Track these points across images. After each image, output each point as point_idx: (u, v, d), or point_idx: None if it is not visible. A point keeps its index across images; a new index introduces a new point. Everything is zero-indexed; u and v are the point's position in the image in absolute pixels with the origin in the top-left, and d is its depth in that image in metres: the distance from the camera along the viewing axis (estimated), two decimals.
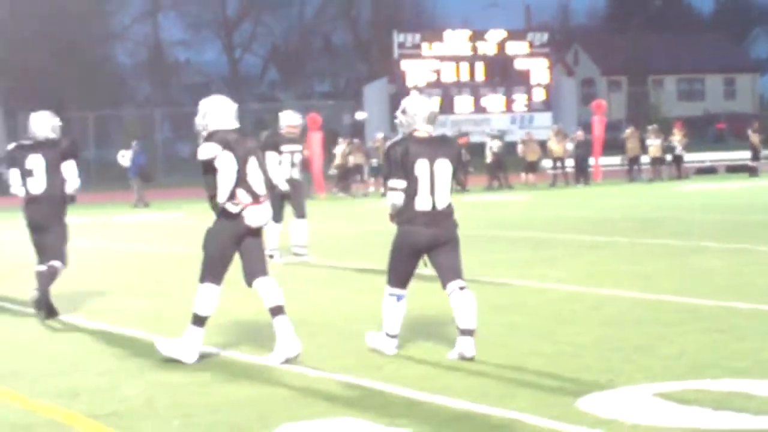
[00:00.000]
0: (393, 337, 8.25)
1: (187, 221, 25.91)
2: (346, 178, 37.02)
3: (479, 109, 47.97)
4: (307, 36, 64.69)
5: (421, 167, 8.05)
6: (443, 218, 8.18)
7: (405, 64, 48.10)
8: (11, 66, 53.52)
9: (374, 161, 34.84)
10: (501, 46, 49.14)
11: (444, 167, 8.12)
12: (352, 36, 64.02)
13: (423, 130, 8.10)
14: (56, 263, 10.81)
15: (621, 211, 25.63)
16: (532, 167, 39.49)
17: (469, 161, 32.83)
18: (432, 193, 8.05)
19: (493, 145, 37.48)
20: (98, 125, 51.61)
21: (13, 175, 10.82)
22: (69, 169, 10.71)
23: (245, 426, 6.18)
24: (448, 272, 8.05)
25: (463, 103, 48.31)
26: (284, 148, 14.08)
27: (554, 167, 39.76)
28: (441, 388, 6.82)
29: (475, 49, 48.37)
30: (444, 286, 8.08)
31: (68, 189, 10.89)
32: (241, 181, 8.26)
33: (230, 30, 63.54)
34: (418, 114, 8.13)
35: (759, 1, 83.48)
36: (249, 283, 8.26)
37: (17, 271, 15.00)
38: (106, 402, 6.96)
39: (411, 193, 8.07)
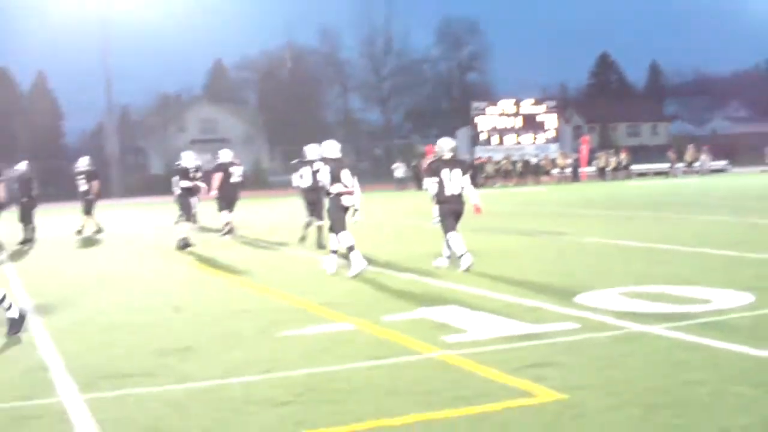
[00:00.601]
0: (465, 253, 13.68)
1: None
2: None
3: (517, 143, 68.26)
4: (426, 103, 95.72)
5: (444, 174, 13.89)
6: (459, 199, 13.97)
7: (477, 119, 68.20)
8: None
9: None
10: (530, 107, 69.35)
11: (456, 174, 13.90)
12: (450, 104, 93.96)
13: (447, 155, 13.98)
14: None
15: (598, 196, 37.29)
16: (547, 173, 60.84)
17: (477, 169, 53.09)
18: (451, 187, 13.86)
19: (520, 162, 60.62)
20: None
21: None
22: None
23: (400, 306, 10.52)
24: (456, 224, 13.96)
25: (509, 139, 68.38)
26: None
27: (560, 173, 60.71)
28: (492, 288, 11.65)
29: (516, 109, 68.85)
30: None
31: None
32: (335, 180, 13.94)
33: (385, 101, 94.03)
34: (443, 147, 14.06)
35: (670, 81, 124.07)
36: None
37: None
38: (327, 295, 11.65)
39: (441, 187, 13.88)
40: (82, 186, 25.54)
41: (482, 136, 67.90)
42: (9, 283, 14.85)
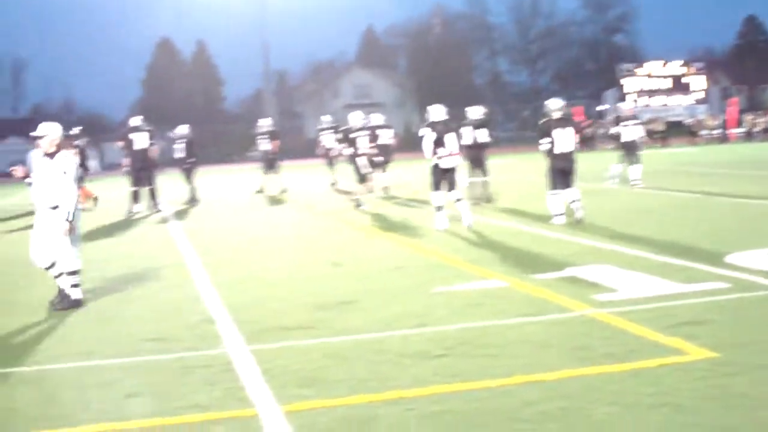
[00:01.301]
0: (560, 215, 14.13)
1: None
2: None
3: (665, 105, 68.19)
4: (572, 65, 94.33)
5: (555, 133, 14.22)
6: (568, 156, 14.23)
7: (624, 80, 68.94)
8: None
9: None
10: (677, 69, 69.62)
11: (567, 132, 14.25)
12: (596, 65, 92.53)
13: (556, 114, 14.36)
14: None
15: (747, 157, 34.58)
16: (696, 134, 58.13)
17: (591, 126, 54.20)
18: (562, 145, 14.17)
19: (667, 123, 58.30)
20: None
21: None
22: None
23: (549, 265, 10.37)
24: (571, 181, 14.31)
25: (656, 101, 68.16)
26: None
27: (708, 134, 58.05)
28: (640, 248, 11.34)
29: (664, 71, 69.22)
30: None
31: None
32: (439, 143, 14.30)
33: (532, 63, 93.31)
34: (552, 108, 14.48)
35: None
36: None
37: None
38: (477, 253, 11.71)
39: (552, 145, 14.19)
40: (264, 145, 26.08)
41: (629, 98, 66.38)
42: (176, 241, 15.35)
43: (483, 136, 19.00)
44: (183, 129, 24.85)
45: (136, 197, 21.52)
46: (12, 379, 6.78)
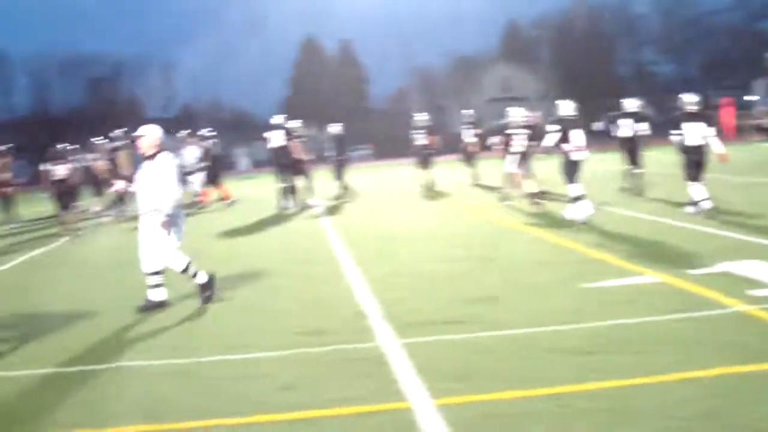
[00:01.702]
0: (704, 200, 14.39)
1: None
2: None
3: None
4: (719, 55, 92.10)
5: (686, 126, 14.39)
6: (699, 150, 14.38)
7: None
8: None
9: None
10: None
11: (698, 126, 14.28)
12: (742, 54, 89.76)
13: (690, 108, 14.35)
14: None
15: None
16: None
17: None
18: (692, 138, 14.32)
19: None
20: None
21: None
22: None
23: (702, 260, 10.10)
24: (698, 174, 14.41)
25: None
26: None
27: None
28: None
29: None
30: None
31: None
32: (564, 138, 14.64)
33: (678, 54, 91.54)
34: (686, 102, 14.42)
35: None
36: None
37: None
38: (625, 248, 11.39)
39: (684, 138, 14.37)
40: (421, 140, 26.16)
41: None
42: (327, 235, 15.56)
43: (643, 128, 18.92)
44: (335, 127, 25.14)
45: (284, 193, 21.93)
46: (169, 371, 6.98)
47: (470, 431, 5.24)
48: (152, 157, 9.54)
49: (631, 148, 19.24)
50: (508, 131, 19.51)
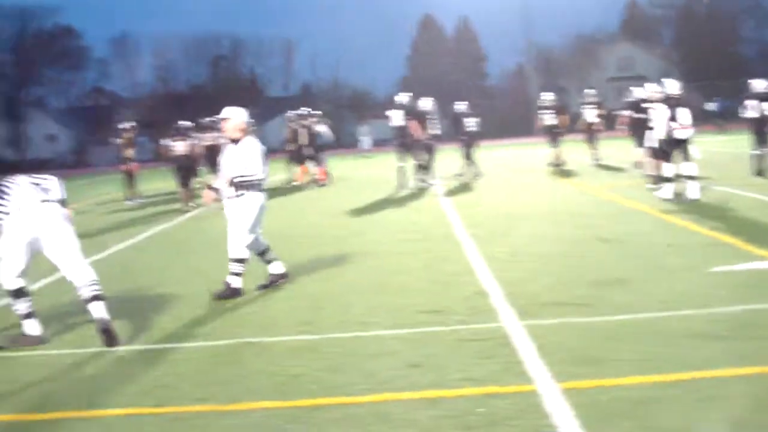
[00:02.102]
0: None
1: None
2: None
3: None
4: None
5: (751, 103, 16.28)
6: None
7: None
8: None
9: None
10: None
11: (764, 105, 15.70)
12: None
13: (759, 88, 15.28)
14: None
15: None
16: None
17: None
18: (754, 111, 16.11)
19: None
20: None
21: None
22: None
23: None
24: None
25: None
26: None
27: None
28: None
29: None
30: None
31: None
32: (672, 117, 14.95)
33: None
34: (755, 86, 15.03)
35: None
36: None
37: None
38: (754, 232, 10.95)
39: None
40: (549, 120, 25.88)
41: None
42: (447, 214, 15.49)
43: None
44: (460, 105, 24.94)
45: (416, 171, 21.96)
46: (297, 347, 7.02)
47: (597, 416, 5.10)
48: (237, 140, 9.26)
49: (759, 129, 18.66)
50: (645, 106, 19.11)
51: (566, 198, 17.65)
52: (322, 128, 26.88)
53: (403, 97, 22.53)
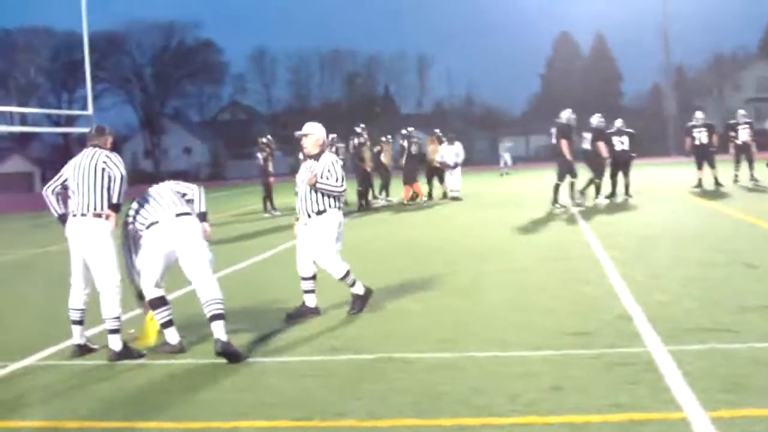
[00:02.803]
0: None
1: None
2: None
3: None
4: None
5: None
6: None
7: None
8: None
9: None
10: None
11: None
12: None
13: None
14: None
15: None
16: None
17: None
18: None
19: None
20: None
21: None
22: None
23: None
24: None
25: None
26: None
27: None
28: None
29: None
30: None
31: None
32: None
33: None
34: None
35: None
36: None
37: None
38: None
39: None
40: (703, 138, 25.24)
41: None
42: (585, 234, 15.24)
43: None
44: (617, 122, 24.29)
45: (571, 190, 21.59)
46: (440, 363, 6.95)
47: None
48: (316, 156, 9.09)
49: None
50: None
51: (708, 220, 17.19)
52: (449, 148, 27.17)
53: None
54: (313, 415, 5.76)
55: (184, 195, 7.98)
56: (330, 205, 9.01)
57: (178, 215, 7.75)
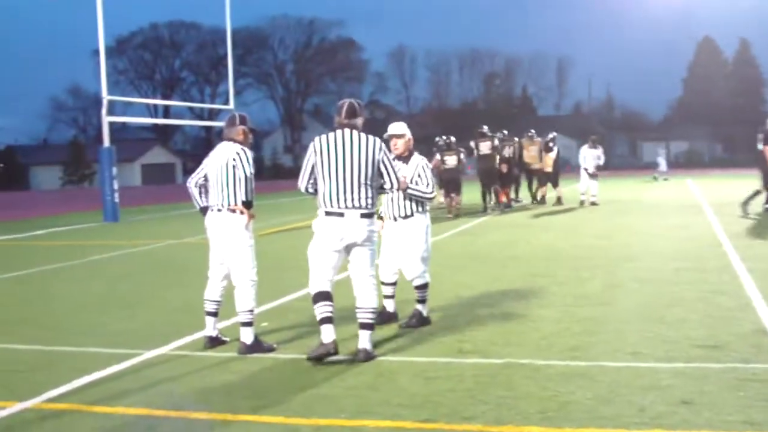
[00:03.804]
0: None
1: None
2: None
3: None
4: None
5: None
6: None
7: None
8: None
9: None
10: None
11: None
12: None
13: None
14: None
15: None
16: None
17: None
18: None
19: None
20: None
21: None
22: None
23: None
24: None
25: None
26: None
27: None
28: None
29: None
30: None
31: None
32: None
33: None
34: None
35: None
36: None
37: None
38: None
39: None
40: None
41: None
42: (722, 244, 14.78)
43: None
44: None
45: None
46: (568, 371, 6.82)
47: None
48: (406, 158, 8.73)
49: None
50: None
51: None
52: (591, 151, 27.02)
53: None
54: (438, 418, 5.73)
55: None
56: (417, 210, 8.72)
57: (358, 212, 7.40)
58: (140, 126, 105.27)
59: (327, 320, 7.25)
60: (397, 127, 8.85)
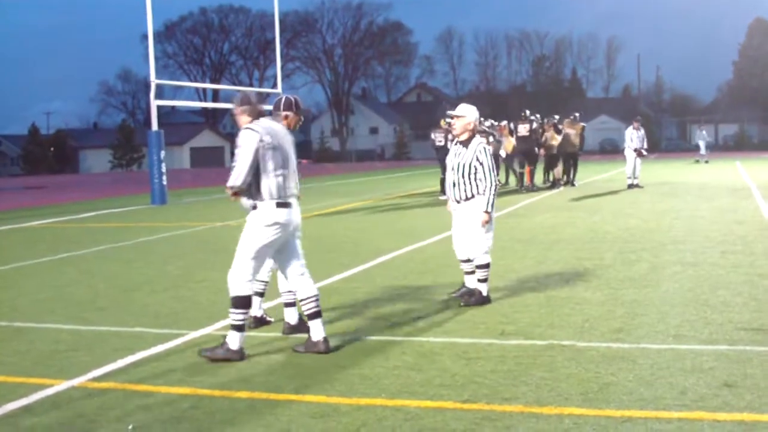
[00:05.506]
0: None
1: None
2: None
3: None
4: None
5: None
6: None
7: None
8: None
9: None
10: None
11: None
12: None
13: None
14: None
15: None
16: None
17: None
18: None
19: None
20: None
21: None
22: None
23: None
24: None
25: None
26: None
27: None
28: None
29: None
30: None
31: None
32: None
33: None
34: None
35: None
36: None
37: None
38: None
39: None
40: None
41: None
42: None
43: None
44: None
45: None
46: (610, 353, 6.79)
47: None
48: (466, 142, 8.76)
49: None
50: None
51: None
52: (636, 133, 26.97)
53: None
54: (479, 398, 5.75)
55: None
56: (479, 191, 8.76)
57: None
58: (190, 110, 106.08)
59: (240, 328, 7.01)
60: (458, 108, 8.86)
